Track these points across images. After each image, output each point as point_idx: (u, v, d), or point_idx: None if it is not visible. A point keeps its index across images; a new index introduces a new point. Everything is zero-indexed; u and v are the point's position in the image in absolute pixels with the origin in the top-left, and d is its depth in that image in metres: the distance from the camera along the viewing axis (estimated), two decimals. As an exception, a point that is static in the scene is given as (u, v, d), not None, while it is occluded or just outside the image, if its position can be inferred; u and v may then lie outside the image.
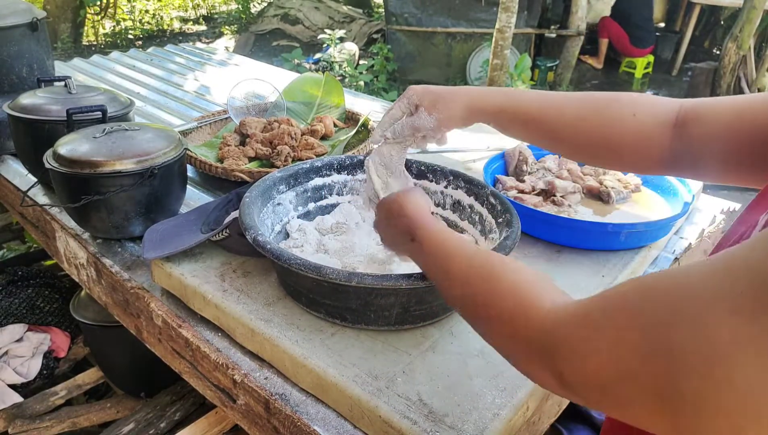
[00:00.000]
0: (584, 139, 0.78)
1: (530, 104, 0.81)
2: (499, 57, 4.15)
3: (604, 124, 0.76)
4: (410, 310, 0.84)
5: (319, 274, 0.78)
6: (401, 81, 6.06)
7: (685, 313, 0.39)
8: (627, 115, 0.75)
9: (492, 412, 0.73)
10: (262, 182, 1.02)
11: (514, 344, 0.55)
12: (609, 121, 0.76)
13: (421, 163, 1.11)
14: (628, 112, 0.75)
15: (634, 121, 0.74)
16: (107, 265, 1.16)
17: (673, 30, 7.02)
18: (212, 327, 0.97)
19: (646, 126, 0.74)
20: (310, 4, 7.50)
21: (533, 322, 0.52)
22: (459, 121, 0.85)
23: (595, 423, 1.16)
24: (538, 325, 0.51)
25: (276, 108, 1.69)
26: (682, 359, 0.38)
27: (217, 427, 1.38)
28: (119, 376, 1.78)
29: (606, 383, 0.43)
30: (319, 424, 0.78)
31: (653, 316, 0.41)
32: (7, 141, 1.56)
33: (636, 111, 0.75)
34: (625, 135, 0.75)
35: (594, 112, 0.78)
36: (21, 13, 1.58)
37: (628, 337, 0.42)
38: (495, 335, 0.59)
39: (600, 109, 0.78)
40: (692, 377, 0.37)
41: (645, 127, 0.74)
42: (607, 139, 0.77)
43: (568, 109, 0.79)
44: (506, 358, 0.58)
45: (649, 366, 0.40)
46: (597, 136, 0.77)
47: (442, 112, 0.84)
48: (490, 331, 0.60)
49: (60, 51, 6.52)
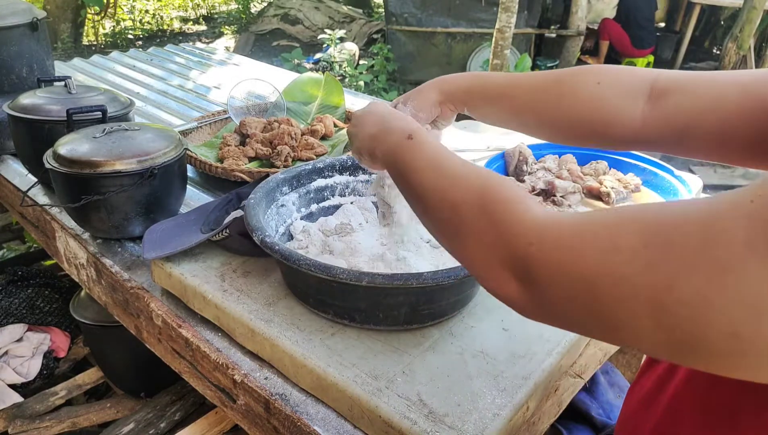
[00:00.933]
0: (546, 111, 0.75)
1: (498, 82, 0.80)
2: (499, 57, 4.15)
3: (565, 93, 0.73)
4: (418, 310, 0.84)
5: (329, 274, 0.78)
6: (401, 81, 6.07)
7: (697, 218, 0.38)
8: (590, 83, 0.72)
9: (492, 412, 0.73)
10: (266, 184, 1.02)
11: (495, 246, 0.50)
12: (570, 89, 0.73)
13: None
14: (591, 81, 0.72)
15: (597, 88, 0.71)
16: (107, 265, 1.16)
17: (673, 30, 7.02)
18: (212, 327, 0.97)
19: (612, 95, 0.70)
20: (310, 4, 7.50)
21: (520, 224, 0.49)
22: (432, 107, 0.85)
23: (595, 423, 1.16)
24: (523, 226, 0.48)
25: (276, 108, 1.69)
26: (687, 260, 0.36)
27: (217, 427, 1.38)
28: (119, 376, 1.78)
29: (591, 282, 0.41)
30: (319, 424, 0.78)
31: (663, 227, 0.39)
32: (7, 141, 1.56)
33: (600, 79, 0.71)
34: (586, 103, 0.71)
35: (556, 82, 0.75)
36: (21, 13, 1.58)
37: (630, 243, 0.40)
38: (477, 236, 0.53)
39: (563, 79, 0.75)
40: (696, 276, 0.36)
41: (609, 95, 0.70)
42: (567, 109, 0.73)
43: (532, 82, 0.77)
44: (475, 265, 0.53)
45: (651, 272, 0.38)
46: (557, 107, 0.74)
47: (416, 100, 0.85)
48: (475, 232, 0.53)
49: (60, 51, 6.52)
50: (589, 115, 0.72)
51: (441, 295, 0.84)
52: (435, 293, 0.83)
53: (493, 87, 0.80)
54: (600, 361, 1.03)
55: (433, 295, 0.83)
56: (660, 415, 0.58)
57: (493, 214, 0.51)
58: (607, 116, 0.70)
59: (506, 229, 0.49)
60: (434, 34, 5.85)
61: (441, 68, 5.98)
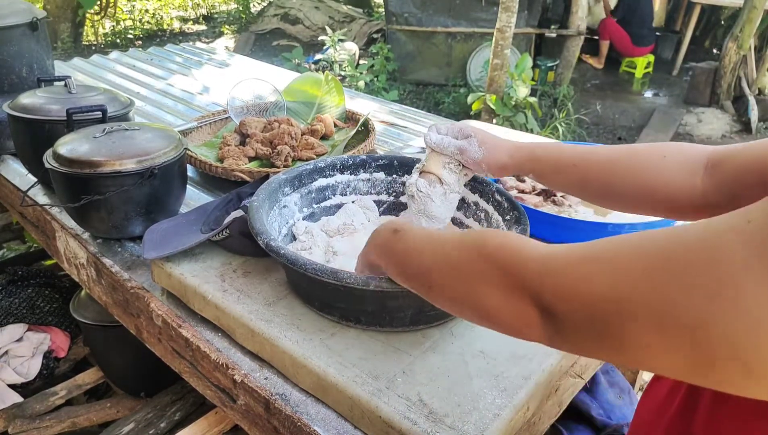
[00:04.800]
0: (616, 181, 0.80)
1: (567, 152, 0.85)
2: (500, 57, 4.15)
3: (634, 166, 0.78)
4: (425, 311, 0.84)
5: (336, 278, 0.78)
6: (401, 81, 6.06)
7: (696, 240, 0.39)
8: (657, 156, 0.77)
9: (492, 412, 0.73)
10: (268, 185, 1.02)
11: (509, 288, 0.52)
12: (639, 162, 0.78)
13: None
14: (658, 155, 0.77)
15: (664, 162, 0.76)
16: (107, 264, 1.16)
17: (674, 30, 7.02)
18: (212, 327, 0.97)
19: (677, 167, 0.75)
20: (310, 4, 7.50)
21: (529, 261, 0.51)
22: (500, 164, 0.90)
23: (595, 423, 1.16)
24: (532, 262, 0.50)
25: (276, 108, 1.69)
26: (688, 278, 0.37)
27: (217, 427, 1.37)
28: (119, 376, 1.78)
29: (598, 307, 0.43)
30: (319, 425, 0.78)
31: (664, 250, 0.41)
32: (7, 141, 1.56)
33: (666, 153, 0.77)
34: (656, 175, 0.77)
35: (625, 155, 0.80)
36: (21, 13, 1.58)
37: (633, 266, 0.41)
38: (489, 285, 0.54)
39: (631, 152, 0.80)
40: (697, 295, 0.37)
41: (676, 167, 0.75)
42: (638, 179, 0.78)
43: (601, 155, 0.82)
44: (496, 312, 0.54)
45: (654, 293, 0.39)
46: (628, 178, 0.79)
47: (489, 150, 0.90)
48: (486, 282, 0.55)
49: (60, 51, 6.52)
50: (659, 187, 0.77)
51: None
52: None
53: (566, 159, 0.85)
54: (600, 361, 1.03)
55: None
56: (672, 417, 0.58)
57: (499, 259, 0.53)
58: (677, 189, 0.76)
59: (516, 269, 0.51)
60: (434, 33, 5.85)
61: (441, 68, 5.98)
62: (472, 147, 0.91)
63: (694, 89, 5.51)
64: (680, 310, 0.37)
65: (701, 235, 0.39)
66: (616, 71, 6.55)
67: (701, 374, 0.39)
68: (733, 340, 0.35)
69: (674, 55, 6.65)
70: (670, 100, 5.82)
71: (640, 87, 6.21)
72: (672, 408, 0.58)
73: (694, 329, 0.37)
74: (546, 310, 0.48)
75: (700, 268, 0.37)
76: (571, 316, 0.46)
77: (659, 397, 0.62)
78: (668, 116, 5.28)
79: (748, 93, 5.15)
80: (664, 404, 0.60)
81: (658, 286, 0.39)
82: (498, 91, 4.28)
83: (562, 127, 4.66)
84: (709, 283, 0.36)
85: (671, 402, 0.59)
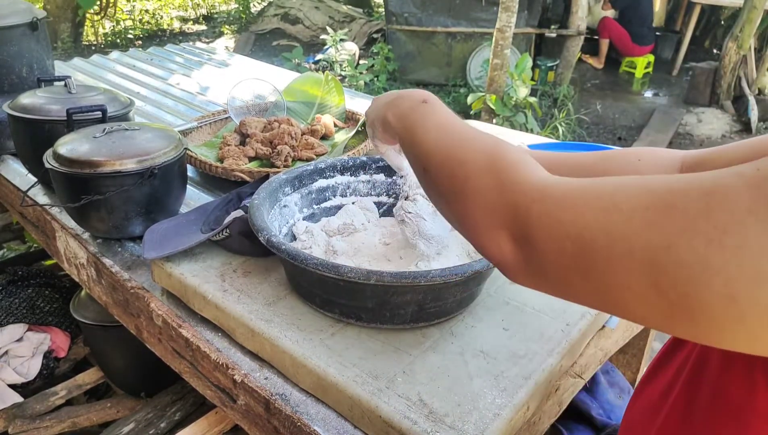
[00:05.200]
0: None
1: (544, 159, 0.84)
2: (500, 57, 4.15)
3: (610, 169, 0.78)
4: (425, 308, 0.84)
5: (337, 273, 0.78)
6: (401, 81, 6.06)
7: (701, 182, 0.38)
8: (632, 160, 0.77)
9: (492, 412, 0.73)
10: (269, 185, 1.02)
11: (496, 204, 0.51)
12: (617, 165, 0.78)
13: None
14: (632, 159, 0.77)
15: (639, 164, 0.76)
16: (107, 264, 1.16)
17: (673, 30, 7.02)
18: (212, 327, 0.97)
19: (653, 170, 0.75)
20: (310, 4, 7.50)
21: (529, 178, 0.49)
22: None
23: (595, 423, 1.16)
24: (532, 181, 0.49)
25: (276, 108, 1.69)
26: (688, 222, 0.37)
27: (217, 427, 1.37)
28: (119, 376, 1.78)
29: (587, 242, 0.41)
30: (319, 425, 0.78)
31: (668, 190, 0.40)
32: (7, 141, 1.56)
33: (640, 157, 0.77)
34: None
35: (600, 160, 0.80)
36: (21, 13, 1.58)
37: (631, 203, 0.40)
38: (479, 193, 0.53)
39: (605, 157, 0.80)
40: (696, 239, 0.36)
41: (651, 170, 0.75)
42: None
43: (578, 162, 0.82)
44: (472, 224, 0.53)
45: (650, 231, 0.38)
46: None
47: None
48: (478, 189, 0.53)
49: (60, 51, 6.52)
50: None
51: (448, 293, 0.84)
52: (443, 291, 0.83)
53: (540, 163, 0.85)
54: (600, 361, 1.03)
55: (441, 292, 0.83)
56: (666, 417, 0.58)
57: (501, 171, 0.52)
58: None
59: (512, 187, 0.50)
60: (434, 33, 5.85)
61: (441, 68, 5.98)
62: None
63: (694, 89, 5.51)
64: (676, 250, 0.37)
65: (707, 180, 0.38)
66: (616, 71, 6.55)
67: (684, 321, 0.38)
68: (732, 288, 0.35)
69: (674, 55, 6.65)
70: (670, 100, 5.82)
71: (640, 87, 6.21)
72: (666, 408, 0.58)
73: (689, 270, 0.36)
74: (524, 237, 0.46)
75: (701, 211, 0.36)
76: (551, 247, 0.44)
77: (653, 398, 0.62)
78: (668, 116, 5.28)
79: (748, 93, 5.15)
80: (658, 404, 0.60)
81: (655, 225, 0.38)
82: (498, 91, 4.28)
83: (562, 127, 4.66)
84: (710, 226, 0.36)
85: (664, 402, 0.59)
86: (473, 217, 0.53)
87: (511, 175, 0.51)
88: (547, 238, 0.45)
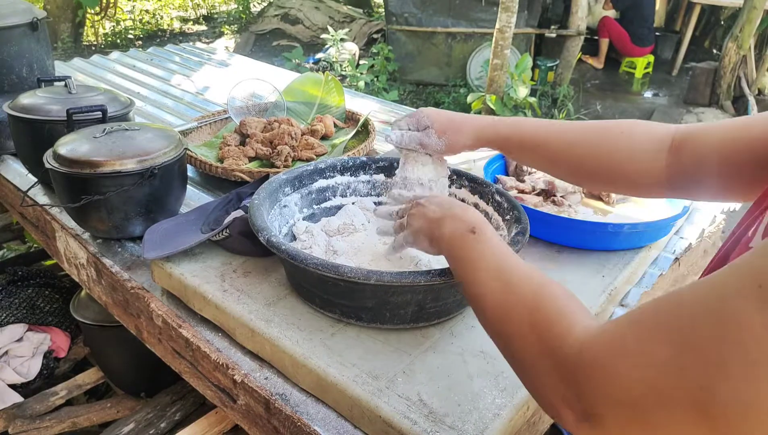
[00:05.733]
0: (584, 160, 0.81)
1: (535, 132, 0.85)
2: (500, 57, 4.15)
3: (601, 144, 0.79)
4: (425, 308, 0.84)
5: (337, 273, 0.78)
6: (401, 81, 6.06)
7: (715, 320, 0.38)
8: (624, 136, 0.78)
9: (492, 412, 0.73)
10: (269, 185, 1.02)
11: (540, 362, 0.53)
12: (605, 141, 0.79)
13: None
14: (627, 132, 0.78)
15: (630, 140, 0.77)
16: (107, 265, 1.16)
17: (673, 30, 7.02)
18: (212, 327, 0.97)
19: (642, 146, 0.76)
20: (310, 4, 7.50)
21: (566, 341, 0.50)
22: (465, 147, 0.91)
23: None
24: (569, 344, 0.50)
25: (276, 108, 1.69)
26: (719, 365, 0.37)
27: (217, 427, 1.37)
28: (119, 376, 1.78)
29: (637, 402, 0.42)
30: (319, 425, 0.78)
31: (682, 329, 0.40)
32: (7, 141, 1.56)
33: (632, 132, 0.78)
34: (621, 153, 0.78)
35: (591, 132, 0.81)
36: (21, 13, 1.58)
37: (660, 353, 0.41)
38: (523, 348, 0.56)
39: (597, 130, 0.81)
40: (731, 380, 0.36)
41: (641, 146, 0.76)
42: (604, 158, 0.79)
43: (568, 134, 0.82)
44: (524, 376, 0.57)
45: (685, 378, 0.39)
46: (594, 156, 0.80)
47: (451, 138, 0.90)
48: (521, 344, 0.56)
49: (60, 51, 6.52)
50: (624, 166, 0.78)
51: (448, 293, 0.84)
52: (442, 291, 0.83)
53: (528, 138, 0.85)
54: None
55: (441, 292, 0.83)
56: None
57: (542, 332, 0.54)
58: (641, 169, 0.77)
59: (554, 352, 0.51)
60: (434, 33, 5.85)
61: (441, 68, 5.98)
62: (431, 139, 0.91)
63: (693, 89, 5.51)
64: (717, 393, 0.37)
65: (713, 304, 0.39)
66: (616, 71, 6.55)
67: None
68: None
69: (674, 55, 6.65)
70: (670, 100, 5.82)
71: (639, 87, 6.21)
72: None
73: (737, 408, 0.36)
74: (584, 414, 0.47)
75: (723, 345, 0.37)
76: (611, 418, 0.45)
77: None
78: (668, 116, 5.28)
79: (748, 93, 5.15)
80: None
81: (686, 370, 0.39)
82: (498, 91, 4.28)
83: (562, 127, 4.65)
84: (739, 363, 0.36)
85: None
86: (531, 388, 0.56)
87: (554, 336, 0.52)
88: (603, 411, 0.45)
